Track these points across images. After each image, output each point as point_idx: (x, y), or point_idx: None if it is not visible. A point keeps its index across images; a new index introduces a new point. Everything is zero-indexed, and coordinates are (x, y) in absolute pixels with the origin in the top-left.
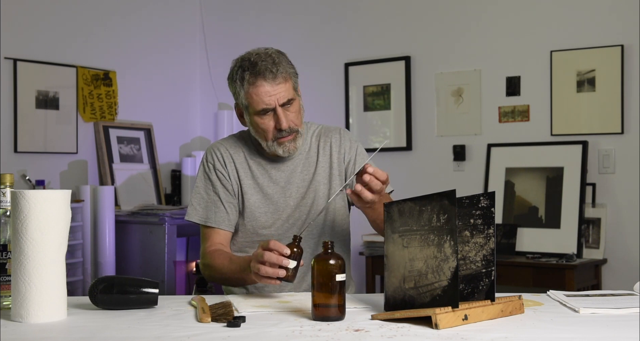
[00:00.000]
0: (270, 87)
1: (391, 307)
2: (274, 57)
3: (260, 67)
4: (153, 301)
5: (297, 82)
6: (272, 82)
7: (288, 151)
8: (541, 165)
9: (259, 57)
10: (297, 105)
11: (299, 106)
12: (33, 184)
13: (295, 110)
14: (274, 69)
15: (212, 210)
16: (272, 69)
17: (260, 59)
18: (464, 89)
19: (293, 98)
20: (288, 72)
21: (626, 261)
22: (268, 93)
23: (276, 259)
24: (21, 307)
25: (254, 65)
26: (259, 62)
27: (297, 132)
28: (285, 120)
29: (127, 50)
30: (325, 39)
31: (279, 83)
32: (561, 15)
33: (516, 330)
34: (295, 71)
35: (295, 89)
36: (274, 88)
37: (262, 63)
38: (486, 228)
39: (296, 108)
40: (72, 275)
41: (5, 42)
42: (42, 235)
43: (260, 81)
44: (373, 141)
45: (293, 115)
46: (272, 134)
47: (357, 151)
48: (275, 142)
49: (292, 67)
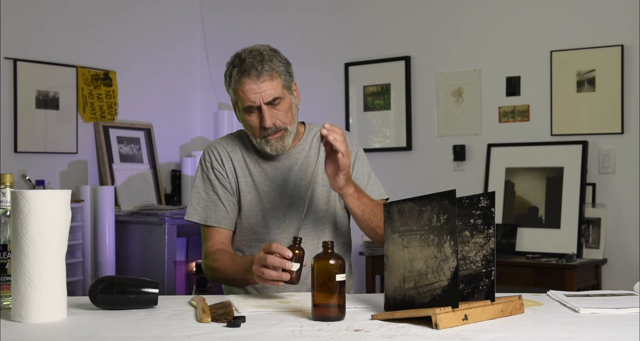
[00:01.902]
0: (254, 85)
1: (391, 307)
2: (264, 54)
3: (247, 65)
4: (153, 301)
5: (289, 80)
6: (256, 80)
7: (275, 149)
8: (541, 165)
9: (249, 54)
10: (286, 104)
11: (289, 104)
12: (33, 184)
13: (283, 108)
14: (259, 66)
15: (211, 210)
16: (258, 67)
17: (249, 56)
18: (464, 89)
19: (280, 97)
20: (276, 70)
21: (626, 262)
22: (253, 91)
23: (279, 262)
24: (21, 307)
25: (242, 62)
26: (247, 59)
27: (286, 130)
28: (268, 119)
29: (127, 50)
30: (325, 39)
31: (264, 81)
32: (561, 15)
33: (516, 330)
34: (286, 69)
35: (287, 87)
36: (258, 86)
37: (249, 60)
38: (486, 228)
39: (285, 106)
40: (72, 275)
41: (5, 42)
42: (42, 235)
43: (245, 78)
44: (373, 141)
45: (281, 114)
46: (258, 131)
47: (357, 155)
48: (262, 140)
49: (285, 65)
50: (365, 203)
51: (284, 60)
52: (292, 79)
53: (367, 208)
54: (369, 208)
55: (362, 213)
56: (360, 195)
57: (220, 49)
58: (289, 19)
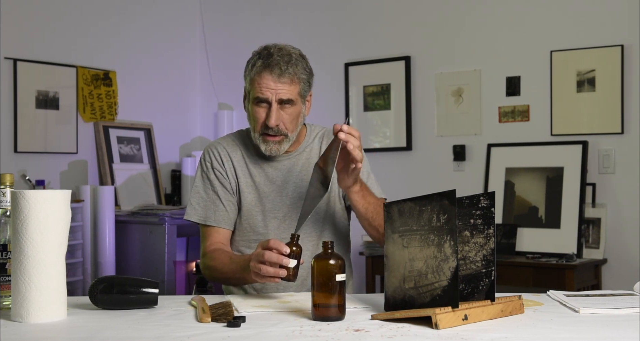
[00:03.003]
0: (272, 82)
1: (391, 307)
2: (292, 56)
3: (273, 60)
4: (153, 301)
5: (306, 90)
6: (276, 78)
7: (270, 151)
8: (541, 165)
9: (278, 51)
10: (295, 110)
11: (298, 112)
12: (33, 184)
13: (291, 113)
14: (284, 66)
15: (211, 209)
16: (282, 66)
17: (277, 53)
18: (464, 89)
19: (293, 101)
20: (299, 76)
21: (626, 261)
22: (269, 87)
23: (276, 258)
24: (21, 307)
25: (268, 56)
26: (274, 55)
27: (286, 136)
28: (274, 118)
29: (127, 50)
30: (325, 39)
31: (284, 82)
32: (561, 15)
33: (516, 330)
34: (307, 78)
35: (302, 96)
36: (276, 83)
37: (276, 57)
38: (486, 228)
39: (294, 112)
40: (72, 275)
41: (5, 42)
42: (42, 235)
43: (266, 73)
44: (373, 141)
45: (287, 118)
46: (260, 127)
47: None
48: (261, 137)
49: (308, 74)
50: (369, 201)
51: (309, 69)
52: (309, 89)
53: (371, 207)
54: (372, 207)
55: (365, 212)
56: (365, 193)
57: (220, 49)
58: (289, 19)
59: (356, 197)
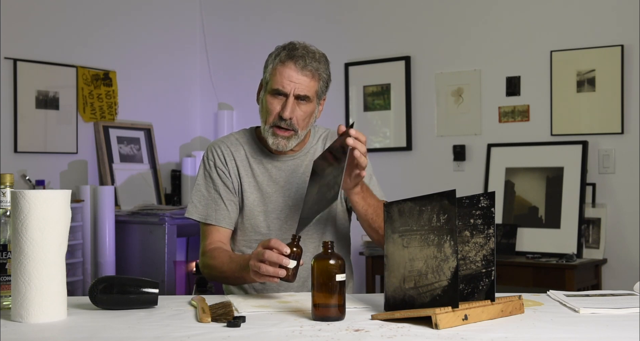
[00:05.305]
0: (295, 73)
1: (391, 307)
2: (316, 55)
3: (298, 53)
4: (153, 301)
5: (323, 91)
6: (299, 70)
7: (277, 145)
8: (541, 165)
9: (303, 48)
10: (310, 108)
11: (311, 110)
12: (33, 184)
13: (306, 110)
14: (308, 61)
15: (212, 208)
16: (307, 60)
17: (302, 49)
18: (464, 89)
19: (310, 97)
20: (320, 74)
21: (626, 261)
22: (291, 78)
23: (276, 258)
24: (21, 307)
25: (294, 49)
26: (299, 49)
27: (296, 132)
28: (289, 110)
29: (127, 50)
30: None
31: (305, 75)
32: (561, 15)
33: (516, 330)
34: (327, 80)
35: (318, 96)
36: (298, 76)
37: (302, 51)
38: (486, 228)
39: (308, 109)
40: (72, 275)
41: (5, 42)
42: (42, 235)
43: (290, 63)
44: (373, 141)
45: (301, 114)
46: (272, 118)
47: None
48: (271, 129)
49: (328, 76)
50: (370, 203)
51: (329, 72)
52: (326, 91)
53: (371, 209)
54: (372, 209)
55: (365, 213)
56: (366, 195)
57: (220, 49)
58: (289, 20)
59: (357, 198)
